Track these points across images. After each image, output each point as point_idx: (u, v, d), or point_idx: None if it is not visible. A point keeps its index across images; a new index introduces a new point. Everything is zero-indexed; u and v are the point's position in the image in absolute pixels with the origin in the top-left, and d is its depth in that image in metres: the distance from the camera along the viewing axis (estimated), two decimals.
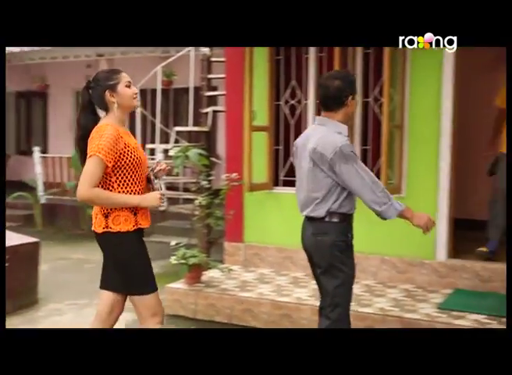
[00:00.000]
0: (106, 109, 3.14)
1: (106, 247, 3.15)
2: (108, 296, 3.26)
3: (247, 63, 5.48)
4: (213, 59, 7.17)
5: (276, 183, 5.85)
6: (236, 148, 5.83)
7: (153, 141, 8.93)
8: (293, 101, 5.83)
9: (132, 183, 3.10)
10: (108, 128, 3.01)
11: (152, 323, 3.15)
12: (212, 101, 7.38)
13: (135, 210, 3.09)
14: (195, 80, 7.71)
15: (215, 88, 7.71)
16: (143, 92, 9.60)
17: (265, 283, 5.31)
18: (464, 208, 5.85)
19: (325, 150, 3.11)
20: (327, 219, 3.18)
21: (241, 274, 5.63)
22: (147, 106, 9.90)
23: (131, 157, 3.06)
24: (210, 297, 5.08)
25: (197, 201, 5.86)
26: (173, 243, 5.51)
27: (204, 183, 6.15)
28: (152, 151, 9.00)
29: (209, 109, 7.08)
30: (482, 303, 4.54)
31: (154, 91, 8.99)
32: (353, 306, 4.48)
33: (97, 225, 3.10)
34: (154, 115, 8.99)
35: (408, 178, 5.18)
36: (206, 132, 7.09)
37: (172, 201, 8.97)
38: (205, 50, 7.13)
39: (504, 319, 4.24)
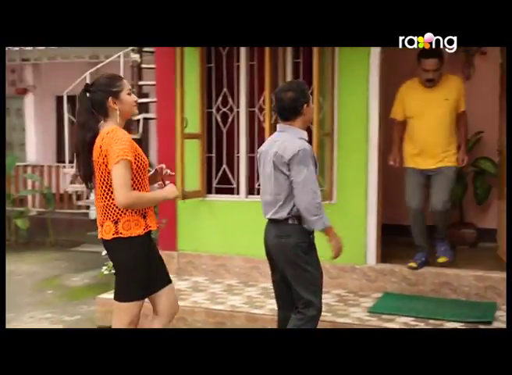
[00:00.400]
0: (105, 115, 3.09)
1: (115, 253, 3.10)
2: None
3: (178, 70, 5.45)
4: (143, 66, 7.11)
5: (209, 191, 5.83)
6: (168, 155, 5.78)
7: None
8: (224, 109, 5.84)
9: (141, 187, 3.09)
10: (120, 132, 3.02)
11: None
12: (143, 108, 7.30)
13: (145, 213, 3.08)
14: None
15: (146, 95, 7.63)
16: (71, 98, 9.41)
17: (199, 291, 5.29)
18: (394, 214, 5.99)
19: (285, 153, 3.25)
20: (290, 221, 3.30)
21: (175, 283, 5.54)
22: (76, 113, 9.67)
23: (142, 160, 3.08)
24: (143, 307, 4.99)
25: None
26: (104, 253, 5.41)
27: None
28: None
29: (140, 116, 7.00)
30: (410, 306, 4.67)
31: None
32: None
33: (106, 232, 3.06)
34: None
35: (338, 185, 5.28)
36: (137, 139, 7.00)
37: None
38: (135, 56, 7.05)
39: (431, 321, 4.40)
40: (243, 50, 5.68)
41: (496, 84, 5.63)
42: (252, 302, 4.92)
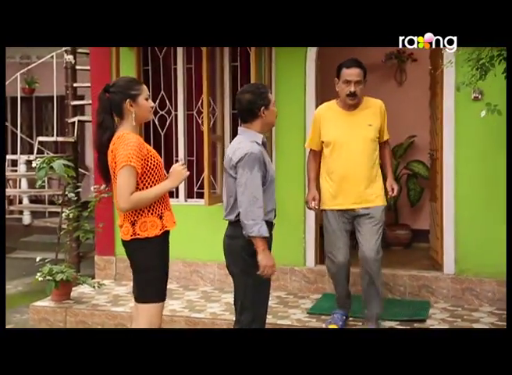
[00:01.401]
0: (121, 117, 3.14)
1: (134, 253, 3.16)
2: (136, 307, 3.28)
3: (114, 72, 5.39)
4: (78, 67, 6.96)
5: None
6: None
7: (15, 152, 8.48)
8: (162, 112, 5.80)
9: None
10: (130, 136, 3.07)
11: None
12: (79, 110, 7.15)
13: (160, 214, 3.14)
14: (60, 88, 7.43)
15: (81, 97, 7.47)
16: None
17: None
18: None
19: (234, 155, 3.24)
20: (239, 223, 3.23)
21: (113, 288, 5.49)
22: (7, 115, 9.39)
23: (155, 162, 3.13)
24: (80, 313, 4.92)
25: (64, 214, 5.64)
26: (39, 259, 5.29)
27: (71, 195, 5.94)
28: (14, 163, 8.56)
29: (75, 119, 6.85)
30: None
31: (14, 99, 8.55)
32: (228, 315, 4.55)
33: (125, 233, 3.13)
34: (15, 124, 8.55)
35: (278, 188, 5.30)
36: (73, 142, 6.86)
37: (38, 214, 8.57)
38: (69, 57, 6.89)
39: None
40: (180, 53, 5.66)
41: (426, 90, 5.82)
42: (192, 306, 4.91)
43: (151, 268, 3.14)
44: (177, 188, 5.71)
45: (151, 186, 3.11)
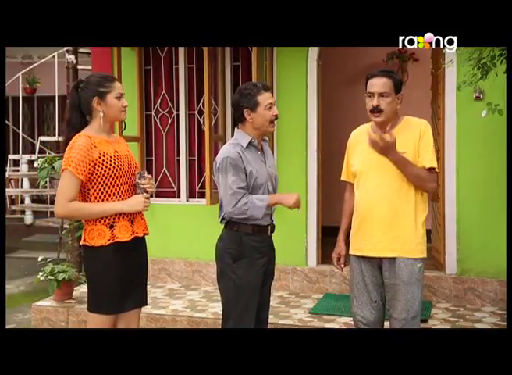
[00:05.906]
0: (90, 115, 2.96)
1: (83, 260, 3.07)
2: None
3: (115, 72, 5.37)
4: (79, 67, 6.96)
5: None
6: None
7: (16, 152, 8.49)
8: (163, 112, 5.80)
9: (111, 195, 2.91)
10: (79, 139, 2.87)
11: None
12: None
13: (111, 223, 2.91)
14: (62, 87, 7.44)
15: None
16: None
17: None
18: (333, 215, 6.09)
19: (217, 159, 3.15)
20: (225, 225, 3.20)
21: None
22: (8, 114, 9.40)
23: (107, 167, 2.89)
24: (82, 313, 4.90)
25: None
26: (40, 258, 5.30)
27: None
28: (16, 163, 8.57)
29: None
30: (349, 306, 4.74)
31: (16, 99, 8.57)
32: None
33: (81, 238, 2.99)
34: (16, 124, 8.56)
35: (279, 188, 5.31)
36: None
37: (39, 214, 8.59)
38: (71, 57, 6.89)
39: None
40: (181, 52, 5.66)
41: (428, 90, 5.82)
42: (194, 306, 4.91)
43: (96, 280, 2.95)
44: (179, 188, 5.73)
45: (102, 192, 2.90)
